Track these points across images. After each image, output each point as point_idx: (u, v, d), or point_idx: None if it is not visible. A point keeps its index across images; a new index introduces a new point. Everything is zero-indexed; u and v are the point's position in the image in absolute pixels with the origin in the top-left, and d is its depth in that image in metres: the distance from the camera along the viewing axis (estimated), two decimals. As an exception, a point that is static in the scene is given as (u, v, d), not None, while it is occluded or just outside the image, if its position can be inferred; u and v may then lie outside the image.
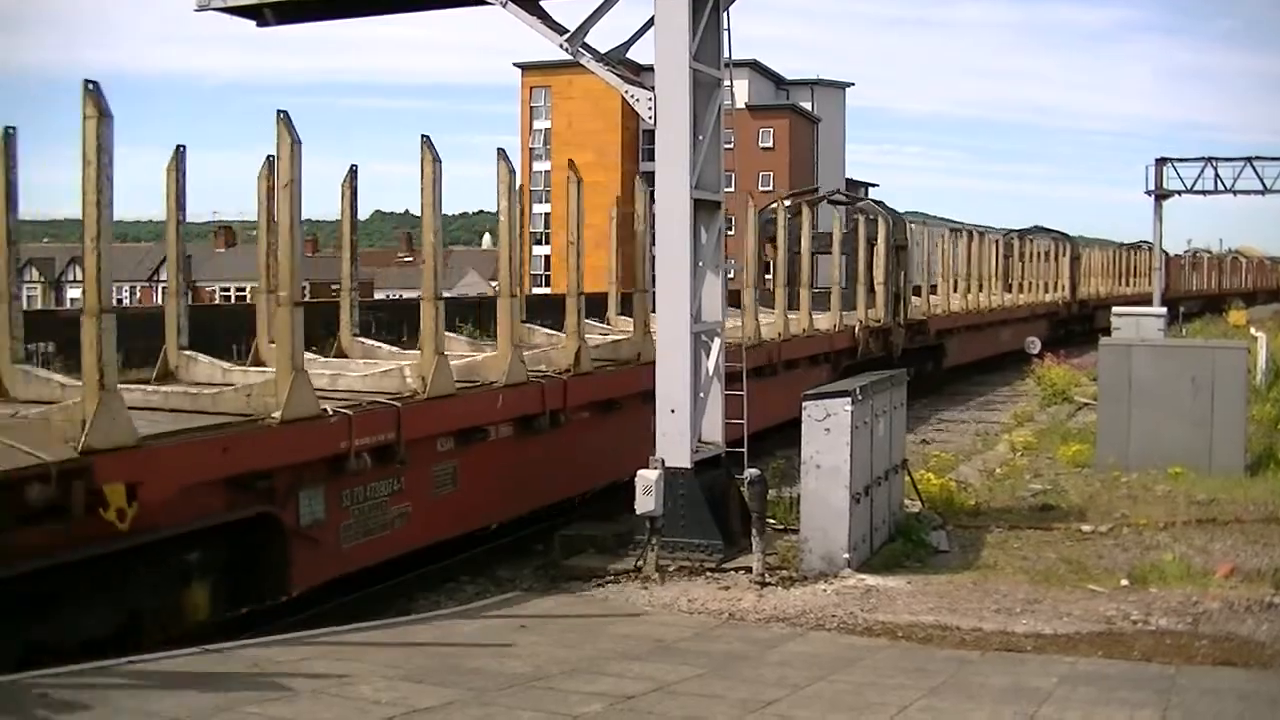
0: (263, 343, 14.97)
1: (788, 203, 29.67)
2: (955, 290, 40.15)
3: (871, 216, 30.64)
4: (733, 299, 18.53)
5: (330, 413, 11.76)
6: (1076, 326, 52.98)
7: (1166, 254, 70.71)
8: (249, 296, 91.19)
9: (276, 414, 11.14)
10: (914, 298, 33.80)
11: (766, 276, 27.27)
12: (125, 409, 9.80)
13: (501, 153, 14.53)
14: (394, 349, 16.61)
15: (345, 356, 15.96)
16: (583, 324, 16.61)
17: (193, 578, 10.43)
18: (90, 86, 9.53)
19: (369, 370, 14.38)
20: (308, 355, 12.53)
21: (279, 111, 11.43)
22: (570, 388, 15.67)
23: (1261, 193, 55.99)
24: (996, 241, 46.13)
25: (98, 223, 9.53)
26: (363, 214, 16.21)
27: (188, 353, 14.32)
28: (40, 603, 9.10)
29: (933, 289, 37.54)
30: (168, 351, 14.32)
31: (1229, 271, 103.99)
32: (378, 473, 12.27)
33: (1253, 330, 39.89)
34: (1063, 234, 56.55)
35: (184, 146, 13.66)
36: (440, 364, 13.33)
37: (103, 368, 9.46)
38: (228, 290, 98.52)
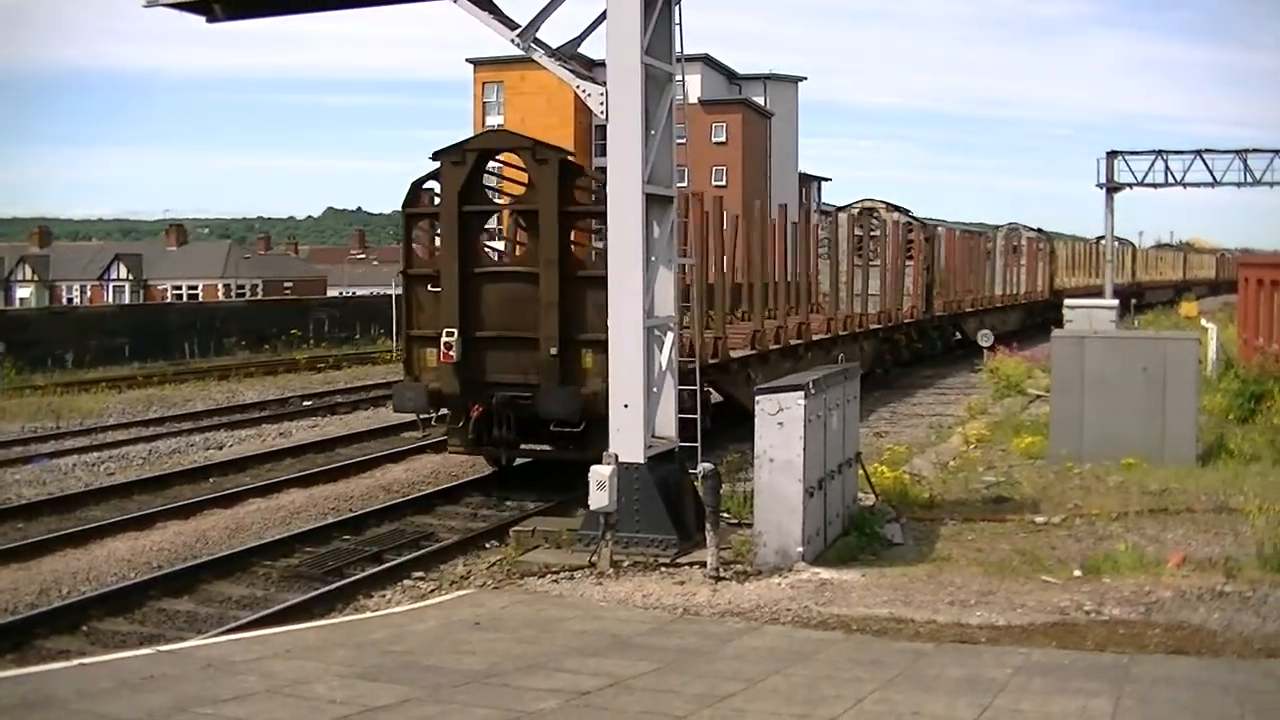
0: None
1: None
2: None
3: None
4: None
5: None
6: (929, 344, 39.40)
7: (1044, 242, 60.91)
8: (201, 295, 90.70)
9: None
10: None
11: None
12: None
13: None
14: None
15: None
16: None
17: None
18: None
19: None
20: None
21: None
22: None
23: (1211, 185, 56.70)
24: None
25: None
26: (315, 210, 16.02)
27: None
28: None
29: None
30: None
31: (1152, 265, 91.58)
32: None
33: (1203, 321, 40.27)
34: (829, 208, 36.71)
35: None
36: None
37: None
38: (179, 289, 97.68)
